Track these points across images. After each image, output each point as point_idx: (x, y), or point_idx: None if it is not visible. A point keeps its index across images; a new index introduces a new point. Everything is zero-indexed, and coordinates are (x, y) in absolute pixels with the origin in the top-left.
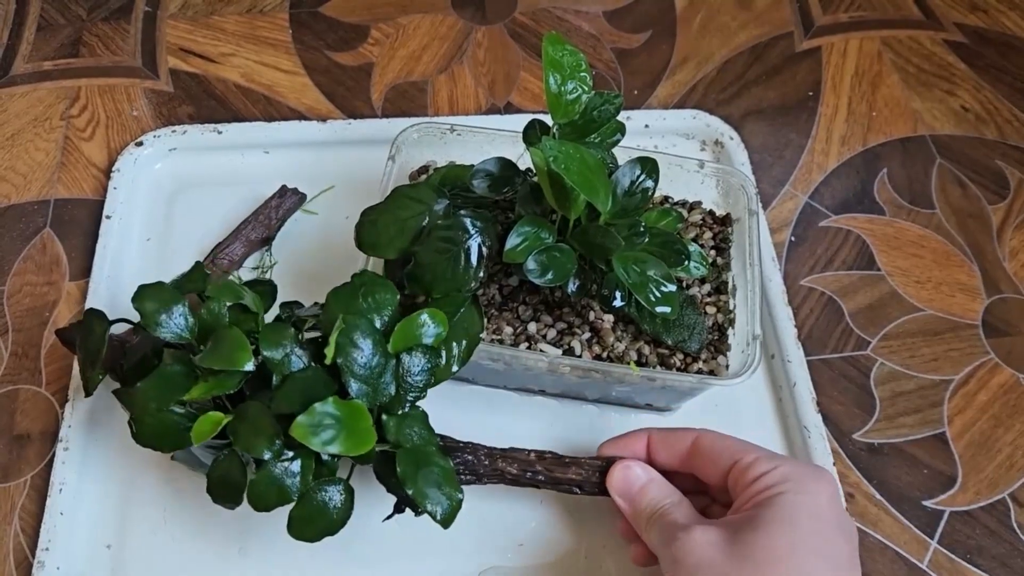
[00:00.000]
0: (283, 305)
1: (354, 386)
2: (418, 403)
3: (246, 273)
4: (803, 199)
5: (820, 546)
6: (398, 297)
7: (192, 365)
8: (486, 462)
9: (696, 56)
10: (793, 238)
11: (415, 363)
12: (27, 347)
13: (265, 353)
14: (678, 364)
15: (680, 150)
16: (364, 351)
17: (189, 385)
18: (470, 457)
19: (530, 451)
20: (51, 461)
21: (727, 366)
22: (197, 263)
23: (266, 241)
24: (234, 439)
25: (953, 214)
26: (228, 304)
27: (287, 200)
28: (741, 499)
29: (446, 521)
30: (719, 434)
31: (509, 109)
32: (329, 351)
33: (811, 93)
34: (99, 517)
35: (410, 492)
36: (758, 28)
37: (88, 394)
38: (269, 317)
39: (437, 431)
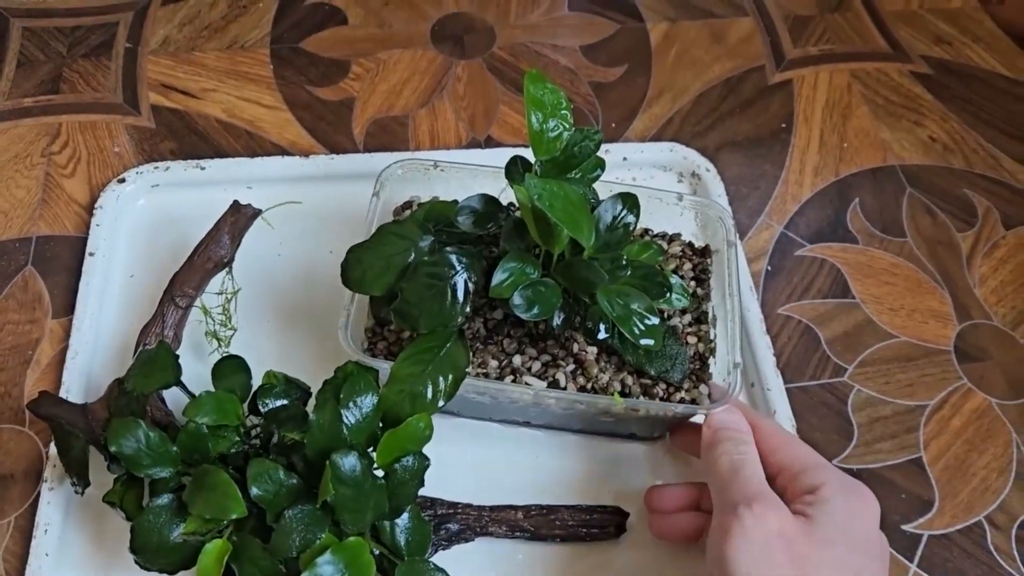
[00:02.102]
0: (260, 393)
1: (349, 518)
2: None
3: (209, 299)
4: (778, 229)
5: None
6: (376, 396)
7: (178, 492)
8: (476, 527)
9: (671, 89)
10: (769, 268)
11: (406, 474)
12: (9, 386)
13: (255, 493)
14: (661, 394)
15: (658, 182)
16: (355, 485)
17: (182, 514)
18: (459, 527)
19: (517, 508)
20: (35, 501)
21: (709, 395)
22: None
23: (225, 264)
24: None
25: (924, 242)
26: (206, 423)
27: (241, 217)
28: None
29: None
30: (776, 428)
31: (489, 143)
32: (321, 494)
33: (784, 125)
34: (86, 558)
35: None
36: (731, 61)
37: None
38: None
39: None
